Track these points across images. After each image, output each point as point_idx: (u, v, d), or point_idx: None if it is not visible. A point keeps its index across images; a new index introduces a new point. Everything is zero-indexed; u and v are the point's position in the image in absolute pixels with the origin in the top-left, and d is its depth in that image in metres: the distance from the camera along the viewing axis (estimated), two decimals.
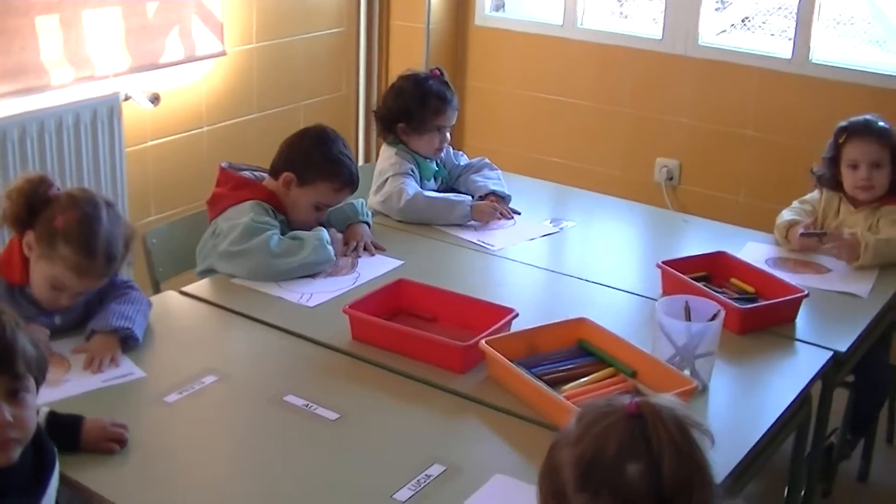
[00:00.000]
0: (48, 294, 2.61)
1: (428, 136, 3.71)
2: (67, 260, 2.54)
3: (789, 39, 4.64)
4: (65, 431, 2.20)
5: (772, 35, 4.86)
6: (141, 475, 2.18)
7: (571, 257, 3.47)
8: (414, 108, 3.71)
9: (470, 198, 3.67)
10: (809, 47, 4.55)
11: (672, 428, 1.62)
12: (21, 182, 2.60)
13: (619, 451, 1.62)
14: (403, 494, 2.12)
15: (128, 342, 2.65)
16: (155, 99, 4.06)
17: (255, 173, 3.31)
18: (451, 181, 3.88)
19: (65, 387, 2.46)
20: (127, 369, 2.56)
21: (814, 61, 4.55)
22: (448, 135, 3.75)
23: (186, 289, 3.04)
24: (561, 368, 2.58)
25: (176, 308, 2.94)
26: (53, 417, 2.22)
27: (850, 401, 3.55)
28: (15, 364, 1.91)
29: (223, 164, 3.30)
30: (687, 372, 2.51)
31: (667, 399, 1.69)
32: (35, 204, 2.58)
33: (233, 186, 3.23)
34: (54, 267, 2.55)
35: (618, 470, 1.61)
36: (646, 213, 3.97)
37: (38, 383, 2.00)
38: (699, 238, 3.58)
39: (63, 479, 2.12)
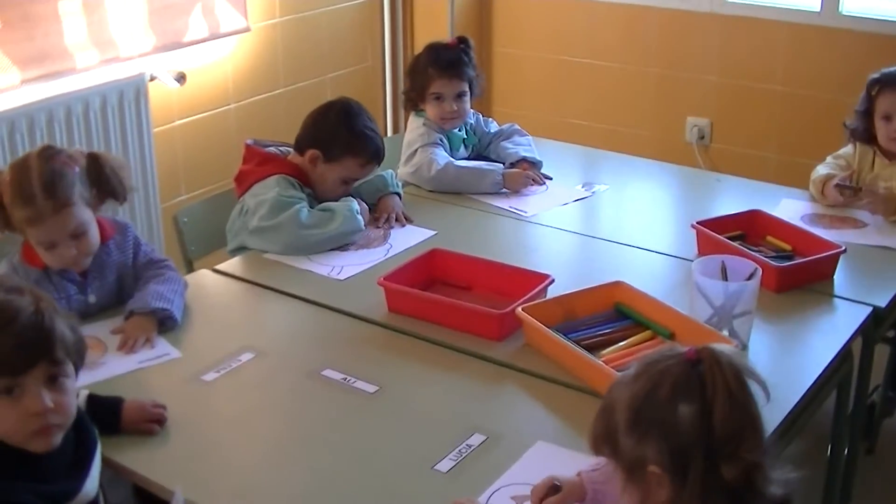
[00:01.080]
0: (53, 258, 2.61)
1: (431, 105, 3.69)
2: (23, 219, 2.55)
3: None
4: (105, 414, 2.21)
5: None
6: (182, 454, 2.19)
7: (605, 221, 3.44)
8: (416, 77, 3.72)
9: (501, 166, 3.66)
10: None
11: (729, 374, 1.63)
12: None
13: (674, 392, 1.63)
14: (445, 465, 2.11)
15: (166, 323, 2.65)
16: (181, 78, 4.05)
17: (280, 148, 3.30)
18: (481, 149, 3.86)
19: (101, 369, 2.46)
20: (163, 350, 2.56)
21: (843, 13, 4.50)
22: (459, 104, 3.70)
23: (219, 267, 3.04)
24: (598, 333, 2.57)
25: (210, 286, 2.94)
26: (93, 400, 2.23)
27: (891, 357, 3.53)
28: (54, 350, 1.92)
29: (248, 141, 3.30)
30: (725, 332, 2.49)
31: (728, 348, 1.69)
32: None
33: (258, 162, 3.22)
34: (28, 232, 2.58)
35: (670, 410, 1.63)
36: (678, 174, 3.93)
37: (77, 368, 2.01)
38: (733, 197, 3.55)
39: (105, 461, 2.13)
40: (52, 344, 1.91)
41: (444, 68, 3.67)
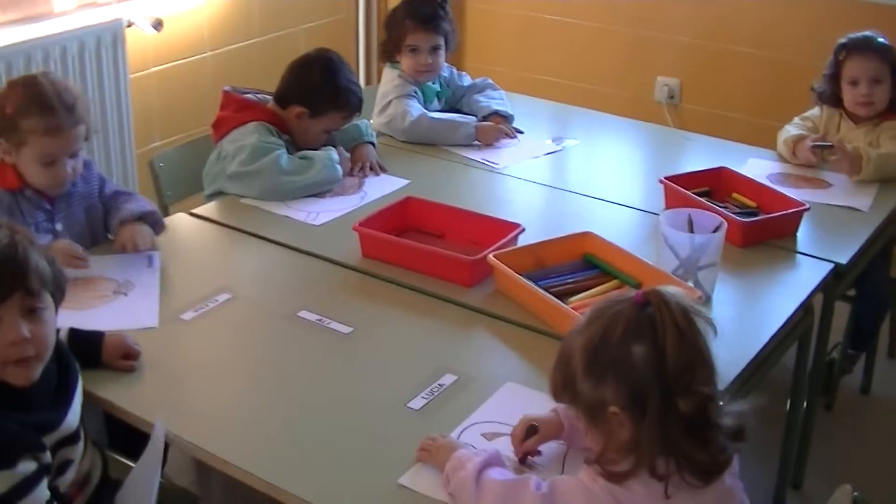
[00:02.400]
0: (45, 175, 2.68)
1: (406, 57, 3.74)
2: (36, 130, 2.62)
3: None
4: (86, 347, 2.26)
5: None
6: (161, 389, 2.24)
7: (575, 175, 3.49)
8: (393, 30, 3.77)
9: (474, 118, 3.71)
10: None
11: (676, 313, 1.72)
12: None
13: (625, 334, 1.72)
14: (417, 403, 2.18)
15: (155, 228, 2.77)
16: (158, 24, 4.06)
17: (258, 96, 3.33)
18: (454, 102, 3.91)
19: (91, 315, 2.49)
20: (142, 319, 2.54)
21: None
22: (433, 56, 3.74)
23: (196, 210, 3.09)
24: (567, 281, 2.63)
25: (186, 229, 2.98)
26: (75, 334, 2.28)
27: (852, 315, 3.61)
28: (29, 281, 1.95)
29: (226, 88, 3.33)
30: (690, 283, 2.56)
31: (673, 289, 1.78)
32: None
33: (236, 108, 3.26)
34: (31, 145, 2.63)
35: (623, 351, 1.71)
36: (648, 131, 3.99)
37: (57, 300, 2.05)
38: (701, 155, 3.59)
39: (85, 394, 2.17)
40: (27, 275, 1.95)
41: (420, 21, 3.71)
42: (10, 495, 1.91)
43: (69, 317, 2.32)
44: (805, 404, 3.23)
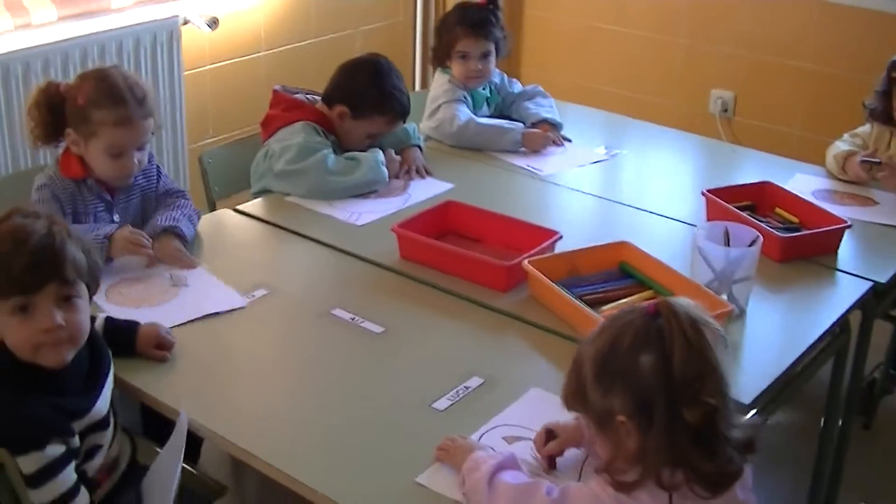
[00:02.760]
0: (112, 166, 2.75)
1: (456, 63, 3.76)
2: (107, 121, 2.69)
3: None
4: (121, 336, 2.32)
5: None
6: (191, 380, 2.29)
7: (619, 184, 3.50)
8: (444, 35, 3.80)
9: (521, 125, 3.73)
10: None
11: (685, 324, 1.74)
12: (34, 96, 2.76)
13: (634, 344, 1.74)
14: (442, 404, 2.20)
15: (180, 240, 2.80)
16: (213, 23, 4.11)
17: (307, 96, 3.38)
18: (504, 108, 3.92)
19: (173, 312, 2.54)
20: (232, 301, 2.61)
21: None
22: (483, 63, 3.76)
23: (241, 207, 3.13)
24: (601, 290, 2.64)
25: (230, 225, 3.03)
26: (111, 323, 2.34)
27: (894, 335, 3.58)
28: (64, 271, 2.02)
29: (276, 87, 3.38)
30: (724, 296, 2.56)
31: (684, 300, 1.80)
32: (55, 105, 2.73)
33: (285, 108, 3.30)
34: (101, 137, 2.70)
35: (631, 361, 1.74)
36: (697, 143, 3.98)
37: (91, 290, 2.12)
38: (749, 169, 3.58)
39: (118, 381, 2.24)
40: (63, 265, 2.02)
41: (471, 27, 3.74)
42: (38, 476, 1.98)
43: (150, 314, 2.46)
44: (841, 422, 3.21)
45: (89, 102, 2.70)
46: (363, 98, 3.28)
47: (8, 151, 3.54)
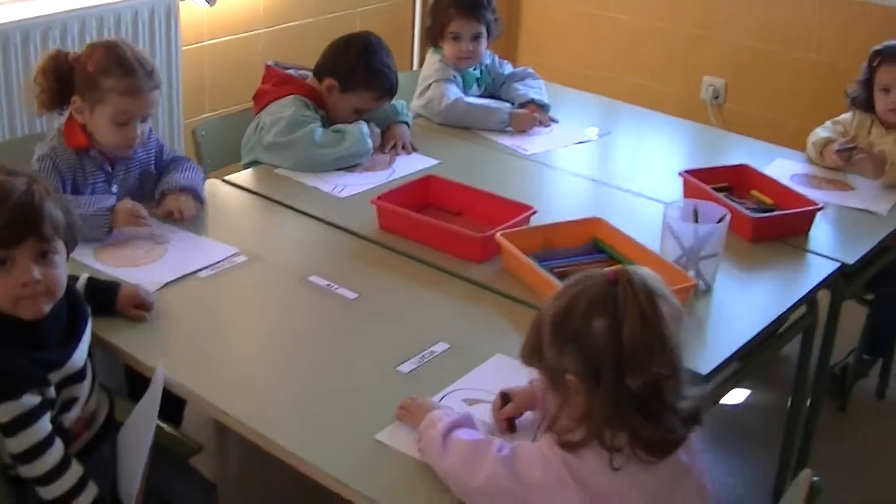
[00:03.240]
0: (117, 135, 2.81)
1: (448, 44, 3.84)
2: (116, 88, 2.76)
3: None
4: (102, 295, 2.40)
5: None
6: (169, 340, 2.38)
7: (602, 165, 3.58)
8: (437, 16, 3.88)
9: (509, 105, 3.80)
10: None
11: (640, 294, 1.79)
12: (42, 62, 2.82)
13: (589, 308, 1.80)
14: (406, 367, 2.28)
15: (196, 200, 2.90)
16: None
17: (299, 72, 3.45)
18: (494, 89, 4.00)
19: (166, 269, 2.65)
20: (226, 251, 2.74)
21: None
22: (475, 44, 3.84)
23: (229, 178, 3.22)
24: (572, 263, 2.70)
25: (219, 195, 3.10)
26: (92, 283, 2.42)
27: (869, 319, 3.66)
28: (42, 227, 2.10)
29: (269, 62, 3.47)
30: (692, 272, 2.62)
31: (645, 271, 1.86)
32: (63, 73, 2.80)
33: (276, 82, 3.38)
34: (109, 104, 2.77)
35: (584, 323, 1.79)
36: (684, 128, 4.04)
37: (69, 247, 2.20)
38: (733, 153, 3.64)
39: (98, 340, 2.32)
40: (41, 221, 2.10)
41: (463, 9, 3.82)
42: (13, 425, 2.06)
43: (147, 272, 2.59)
44: (810, 403, 3.29)
45: (99, 70, 2.76)
46: (352, 72, 3.36)
47: (6, 120, 3.62)
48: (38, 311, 2.12)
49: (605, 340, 1.79)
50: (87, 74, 2.77)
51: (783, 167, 3.50)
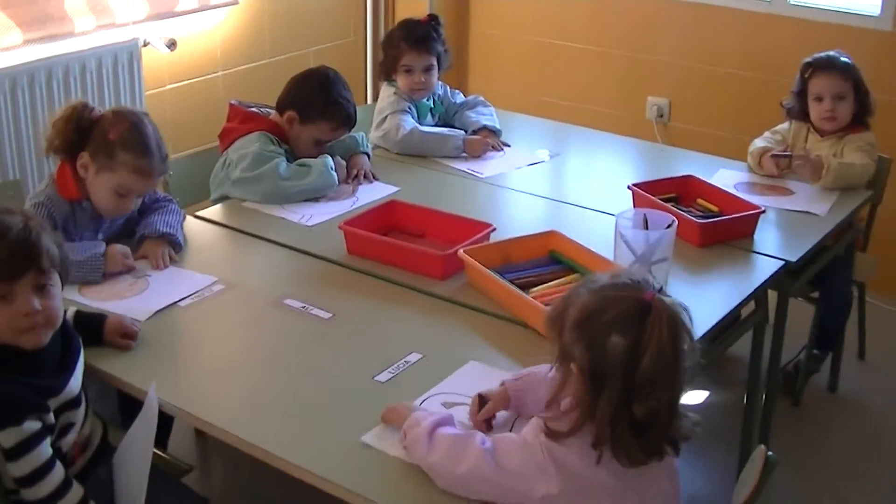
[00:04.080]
0: (113, 202, 2.94)
1: (401, 77, 4.01)
2: (129, 164, 2.89)
3: None
4: (89, 325, 2.53)
5: None
6: (157, 364, 2.50)
7: (555, 184, 3.75)
8: (389, 50, 4.05)
9: (463, 132, 3.97)
10: None
11: (666, 330, 1.89)
12: (66, 111, 2.94)
13: (614, 320, 1.90)
14: (384, 377, 2.43)
15: (173, 247, 3.01)
16: (172, 44, 4.31)
17: (261, 109, 3.60)
18: (447, 118, 4.17)
19: (150, 299, 2.78)
20: (206, 281, 2.88)
21: (791, 3, 4.79)
22: (427, 76, 4.01)
23: (200, 213, 3.35)
24: (532, 275, 2.86)
25: (191, 230, 3.22)
26: (80, 315, 2.55)
27: (816, 317, 3.83)
28: (41, 260, 2.24)
29: (232, 101, 3.61)
30: None
31: (679, 306, 1.96)
32: (83, 127, 2.92)
33: (241, 120, 3.53)
34: (117, 175, 2.89)
35: (604, 332, 1.90)
36: (631, 145, 4.24)
37: (63, 279, 2.33)
38: (678, 167, 3.79)
39: (90, 369, 2.44)
40: (39, 255, 2.23)
41: (414, 43, 3.99)
42: (16, 450, 2.18)
43: (132, 304, 2.72)
44: (765, 398, 3.46)
45: (119, 141, 2.88)
46: (311, 104, 3.51)
47: None
48: (38, 340, 2.25)
49: (618, 359, 1.89)
50: (106, 140, 2.89)
51: (726, 177, 3.68)
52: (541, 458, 1.97)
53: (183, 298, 2.78)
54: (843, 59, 3.77)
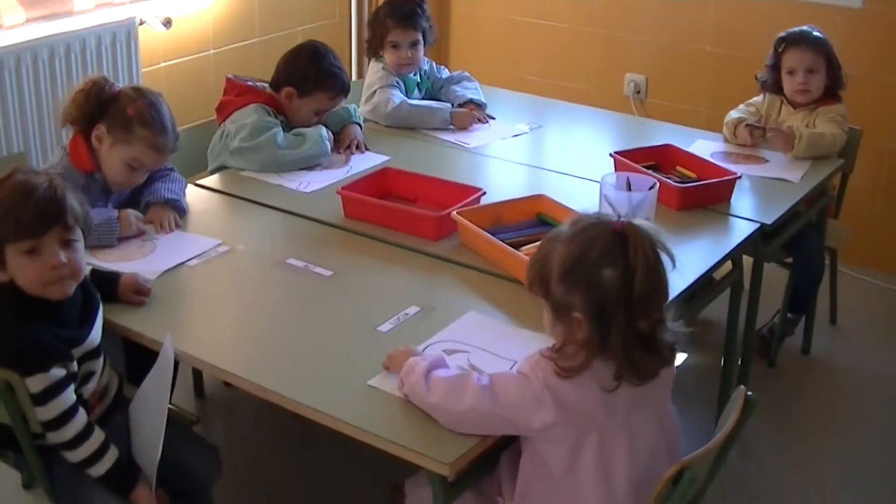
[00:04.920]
0: (125, 174, 3.08)
1: (388, 52, 4.16)
2: (147, 140, 3.03)
3: None
4: (105, 283, 2.66)
5: None
6: (170, 318, 2.65)
7: (539, 153, 3.90)
8: (377, 28, 4.20)
9: (450, 105, 4.12)
10: None
11: (648, 247, 2.10)
12: (86, 84, 3.07)
13: (601, 257, 2.09)
14: (385, 327, 2.58)
15: (177, 212, 3.15)
16: (167, 22, 4.42)
17: (257, 83, 3.74)
18: (434, 92, 4.31)
19: (156, 261, 2.92)
20: (210, 243, 3.02)
21: None
22: (413, 51, 4.16)
23: (201, 181, 3.49)
24: (521, 235, 3.01)
25: (192, 197, 3.35)
26: (95, 273, 2.68)
27: (790, 281, 4.00)
28: (66, 216, 2.38)
29: (229, 76, 3.75)
30: None
31: (648, 224, 2.17)
32: (102, 100, 3.05)
33: (237, 93, 3.67)
34: (132, 148, 3.03)
35: (596, 271, 2.09)
36: (610, 118, 4.40)
37: (85, 235, 2.47)
38: (657, 138, 3.91)
39: (107, 323, 2.58)
40: (65, 211, 2.38)
41: (400, 19, 4.14)
42: (43, 395, 2.34)
43: (141, 265, 2.86)
44: (741, 360, 3.64)
45: (137, 117, 3.02)
46: (306, 77, 3.65)
47: None
48: (64, 292, 2.40)
49: (616, 289, 2.08)
50: (125, 115, 3.02)
51: (703, 147, 3.84)
52: (538, 390, 2.13)
53: (190, 259, 2.91)
54: (815, 33, 3.92)
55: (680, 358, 4.07)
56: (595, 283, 2.09)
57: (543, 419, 2.13)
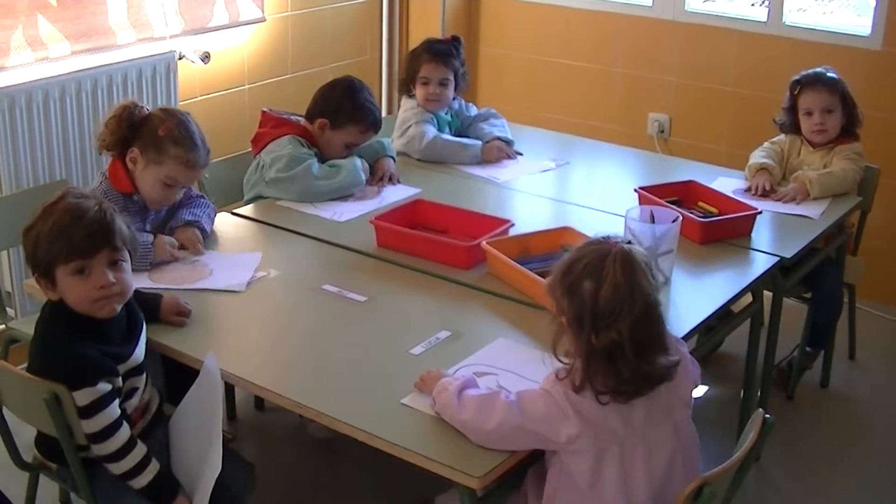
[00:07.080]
0: (161, 193, 3.20)
1: (418, 88, 4.29)
2: (179, 157, 3.16)
3: (765, 5, 5.16)
4: (147, 304, 2.78)
5: (751, 5, 5.36)
6: (211, 339, 2.77)
7: (564, 188, 4.02)
8: (411, 63, 4.34)
9: (480, 142, 4.23)
10: (782, 12, 5.04)
11: (618, 266, 2.23)
12: (117, 110, 3.20)
13: (584, 270, 2.25)
14: (417, 350, 2.69)
15: (200, 231, 3.26)
16: (206, 57, 4.55)
17: (291, 116, 3.87)
18: (462, 130, 4.42)
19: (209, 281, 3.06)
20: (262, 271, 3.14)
21: (786, 24, 5.05)
22: (441, 88, 4.28)
23: (238, 210, 3.61)
24: (547, 266, 3.08)
25: (230, 226, 3.49)
26: (138, 294, 2.77)
27: (809, 316, 4.09)
28: (114, 238, 2.51)
29: (264, 109, 3.87)
30: None
31: (635, 248, 2.30)
32: (133, 124, 3.18)
33: (273, 125, 3.79)
34: (165, 167, 3.15)
35: (578, 281, 2.25)
36: (634, 155, 4.51)
37: (132, 256, 2.59)
38: (679, 175, 3.97)
39: (150, 342, 2.70)
40: (113, 234, 2.50)
41: (434, 55, 4.27)
42: (89, 409, 2.45)
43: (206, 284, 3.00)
44: (760, 391, 3.73)
45: (168, 136, 3.15)
46: (340, 110, 3.78)
47: (30, 170, 3.98)
48: (111, 310, 2.51)
49: (589, 299, 2.23)
50: (156, 136, 3.15)
51: (725, 184, 3.92)
52: (562, 403, 2.25)
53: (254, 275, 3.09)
54: (829, 74, 4.03)
55: (701, 390, 4.17)
56: (577, 292, 2.25)
57: (568, 431, 2.24)
